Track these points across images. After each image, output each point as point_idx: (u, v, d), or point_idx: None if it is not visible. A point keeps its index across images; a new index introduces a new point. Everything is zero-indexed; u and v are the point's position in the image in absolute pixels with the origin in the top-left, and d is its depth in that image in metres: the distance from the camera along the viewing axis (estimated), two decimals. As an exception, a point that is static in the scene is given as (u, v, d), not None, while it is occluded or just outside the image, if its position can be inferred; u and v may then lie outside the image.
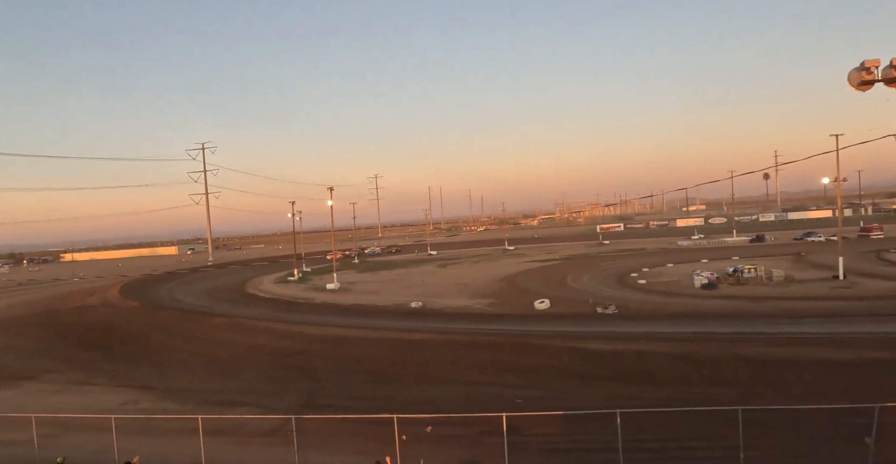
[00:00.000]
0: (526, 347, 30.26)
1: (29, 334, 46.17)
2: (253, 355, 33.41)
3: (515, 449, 14.76)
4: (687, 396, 20.92)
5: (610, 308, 38.89)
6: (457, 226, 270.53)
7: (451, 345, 31.94)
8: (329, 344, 34.75)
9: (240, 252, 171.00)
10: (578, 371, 25.45)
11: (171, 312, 52.24)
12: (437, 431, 15.85)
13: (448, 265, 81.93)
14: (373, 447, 15.78)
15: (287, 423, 17.06)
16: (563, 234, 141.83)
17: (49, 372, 32.86)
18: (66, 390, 28.96)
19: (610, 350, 28.34)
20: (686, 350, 27.18)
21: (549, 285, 53.50)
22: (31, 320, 53.57)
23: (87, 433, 20.13)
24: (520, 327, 35.82)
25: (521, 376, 25.42)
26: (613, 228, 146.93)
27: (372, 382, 26.47)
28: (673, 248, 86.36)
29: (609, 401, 20.74)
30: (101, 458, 17.34)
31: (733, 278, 48.15)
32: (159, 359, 34.46)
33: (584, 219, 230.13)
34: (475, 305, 46.20)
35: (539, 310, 41.66)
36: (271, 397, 25.20)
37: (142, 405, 24.97)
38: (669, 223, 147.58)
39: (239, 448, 18.67)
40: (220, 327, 42.82)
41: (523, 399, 22.07)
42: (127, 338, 42.29)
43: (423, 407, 20.56)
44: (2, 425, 21.51)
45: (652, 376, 23.92)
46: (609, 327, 34.00)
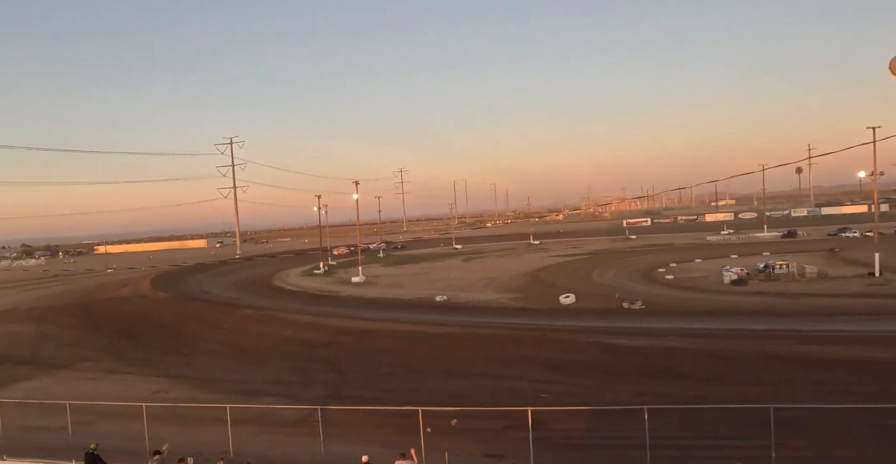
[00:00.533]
0: (551, 341, 30.06)
1: (65, 324, 47.46)
2: (279, 347, 33.82)
3: (540, 444, 14.65)
4: (716, 393, 20.56)
5: (636, 303, 38.40)
6: (482, 220, 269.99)
7: (475, 339, 31.89)
8: (354, 336, 34.98)
9: (267, 245, 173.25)
10: (604, 367, 25.18)
11: (200, 303, 53.16)
12: (461, 424, 15.84)
13: (473, 259, 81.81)
14: (397, 439, 15.83)
15: (313, 413, 17.22)
16: (588, 228, 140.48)
17: (84, 361, 33.73)
18: (99, 378, 29.69)
19: (637, 346, 27.98)
20: (716, 347, 26.70)
21: (574, 280, 53.06)
22: (66, 311, 55.05)
23: (120, 421, 20.60)
24: (545, 322, 35.59)
25: (546, 370, 25.25)
26: (640, 222, 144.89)
27: (397, 374, 26.58)
28: (701, 243, 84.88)
29: (636, 397, 20.50)
30: (132, 445, 17.71)
31: (764, 274, 47.13)
32: (189, 349, 35.12)
33: (610, 213, 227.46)
34: (500, 299, 46.05)
35: (564, 305, 41.34)
36: (297, 387, 25.49)
37: (172, 394, 25.47)
38: (698, 218, 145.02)
39: (266, 438, 18.93)
40: (248, 319, 43.44)
41: (548, 394, 21.92)
42: (158, 328, 43.18)
43: (448, 400, 20.55)
44: (39, 412, 22.14)
45: (680, 373, 23.54)
46: (636, 323, 33.57)
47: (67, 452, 16.65)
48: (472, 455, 16.47)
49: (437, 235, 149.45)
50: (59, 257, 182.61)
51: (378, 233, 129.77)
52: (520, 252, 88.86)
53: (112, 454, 16.59)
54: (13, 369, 32.75)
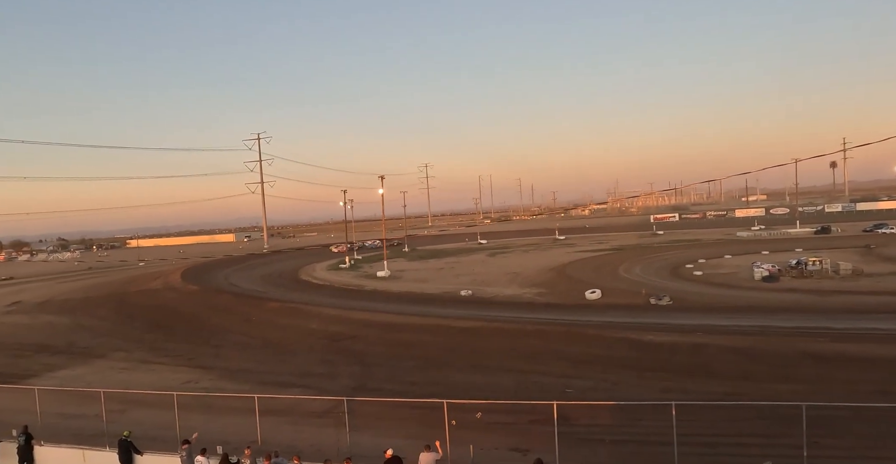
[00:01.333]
0: (576, 336, 29.86)
1: (99, 315, 48.72)
2: (306, 339, 34.23)
3: (566, 439, 14.56)
4: (746, 391, 20.22)
5: (664, 299, 37.92)
6: (507, 215, 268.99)
7: (500, 333, 31.84)
8: (380, 330, 35.21)
9: (293, 240, 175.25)
10: (631, 362, 24.92)
11: (228, 296, 54.05)
12: (486, 417, 15.83)
13: (498, 254, 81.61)
14: (422, 431, 15.89)
15: (339, 405, 17.39)
16: (614, 224, 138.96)
17: (117, 351, 34.60)
18: (132, 368, 30.42)
19: (664, 342, 27.62)
20: (745, 344, 26.22)
21: (600, 276, 52.59)
22: (100, 302, 56.51)
23: (151, 409, 21.07)
24: (570, 317, 35.36)
25: (572, 365, 25.10)
26: (668, 218, 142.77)
27: (422, 367, 26.69)
28: (731, 239, 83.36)
29: (663, 394, 20.26)
30: (163, 433, 18.12)
31: (796, 271, 46.12)
32: (217, 340, 35.76)
33: (636, 209, 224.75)
34: (525, 294, 45.88)
35: (590, 300, 41.03)
36: (323, 379, 25.77)
37: (202, 384, 25.98)
38: (727, 214, 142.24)
39: (293, 428, 19.18)
40: (275, 312, 44.03)
41: (574, 389, 21.81)
42: (188, 320, 44.06)
43: (473, 394, 20.58)
44: (75, 400, 22.79)
45: (709, 370, 23.18)
46: (663, 319, 33.15)
47: (102, 438, 17.09)
48: (497, 449, 16.47)
49: (463, 229, 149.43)
50: (94, 251, 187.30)
51: (403, 228, 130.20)
52: (545, 247, 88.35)
53: (144, 442, 17.00)
54: (50, 358, 33.76)
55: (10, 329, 44.94)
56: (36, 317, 50.05)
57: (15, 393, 22.14)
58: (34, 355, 35.14)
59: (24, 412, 19.06)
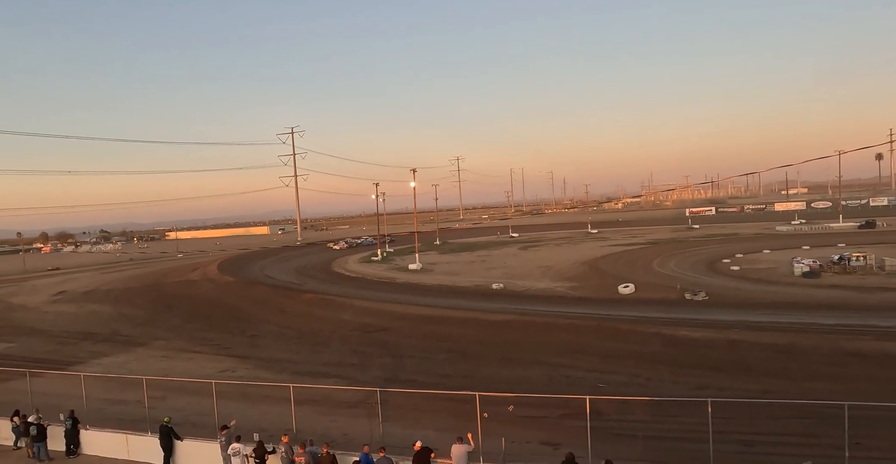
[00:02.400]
0: (609, 331, 29.57)
1: (140, 305, 50.23)
2: (339, 330, 34.69)
3: (598, 433, 14.48)
4: (785, 389, 19.77)
5: (699, 295, 37.23)
6: (539, 208, 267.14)
7: (532, 326, 31.74)
8: (411, 322, 35.45)
9: (326, 232, 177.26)
10: (665, 358, 24.58)
11: (263, 287, 55.06)
12: (518, 411, 15.82)
13: (530, 248, 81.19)
14: (454, 424, 15.98)
15: (371, 395, 17.59)
16: (649, 217, 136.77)
17: (157, 339, 35.65)
18: (172, 356, 31.30)
19: (699, 338, 27.15)
20: (784, 341, 25.58)
21: (633, 270, 51.90)
22: (141, 292, 58.24)
23: (190, 396, 21.69)
24: (603, 311, 35.02)
25: (605, 360, 24.90)
26: (704, 212, 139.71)
27: (453, 360, 26.80)
28: (770, 233, 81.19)
29: (698, 390, 19.94)
30: (202, 420, 18.64)
31: (839, 267, 44.72)
32: (253, 331, 36.52)
33: (671, 202, 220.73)
34: (557, 287, 45.60)
35: (623, 294, 40.55)
36: (356, 370, 26.11)
37: (238, 373, 26.59)
38: (766, 207, 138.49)
39: (326, 417, 19.51)
40: (308, 303, 44.70)
41: (606, 384, 21.63)
42: (224, 310, 45.08)
43: (504, 387, 20.59)
44: (118, 386, 23.60)
45: (746, 367, 22.72)
46: (698, 315, 32.55)
47: (143, 424, 17.67)
48: (529, 442, 16.47)
49: (494, 222, 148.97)
50: (134, 242, 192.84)
51: (434, 221, 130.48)
52: (577, 241, 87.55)
53: (184, 428, 17.52)
54: (95, 346, 34.98)
55: (57, 317, 46.69)
56: (81, 306, 51.86)
57: (62, 379, 23.01)
58: (80, 342, 36.45)
59: (70, 397, 19.82)
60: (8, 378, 23.82)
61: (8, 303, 56.83)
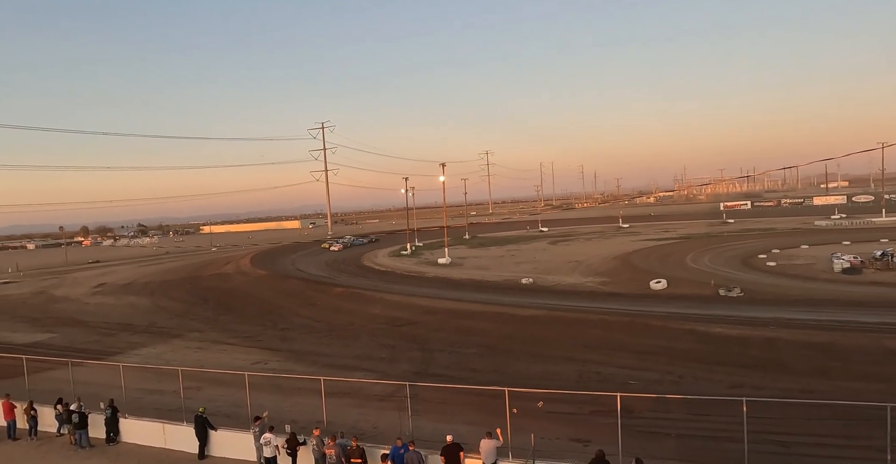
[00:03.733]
0: (641, 327, 29.17)
1: (176, 297, 51.44)
2: (368, 324, 34.97)
3: (629, 431, 14.32)
4: (823, 388, 19.22)
5: (734, 291, 36.45)
6: (569, 202, 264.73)
7: (562, 322, 31.52)
8: (441, 316, 35.53)
9: (356, 226, 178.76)
10: (698, 355, 24.15)
11: (294, 281, 55.83)
12: (547, 407, 15.73)
13: (559, 242, 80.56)
14: (483, 418, 16.00)
15: (400, 389, 17.70)
16: (681, 212, 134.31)
17: (192, 331, 36.47)
18: (206, 347, 31.99)
19: (734, 335, 26.59)
20: (823, 339, 24.89)
21: (666, 265, 51.06)
22: (177, 285, 59.64)
23: (224, 388, 22.14)
24: (634, 307, 34.54)
25: (636, 357, 24.57)
26: (739, 206, 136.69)
27: (482, 354, 26.79)
28: (809, 228, 78.99)
29: (732, 389, 19.55)
30: (236, 411, 19.03)
31: (881, 263, 43.24)
32: (285, 324, 37.08)
33: (705, 196, 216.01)
34: (587, 282, 45.15)
35: (655, 290, 39.94)
36: (385, 363, 26.29)
37: (270, 365, 27.03)
38: (805, 201, 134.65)
39: (356, 410, 19.70)
40: (339, 296, 45.17)
41: (637, 381, 21.36)
42: (257, 303, 45.87)
43: (534, 382, 20.50)
44: (155, 376, 24.22)
45: (782, 366, 22.17)
46: (733, 311, 31.87)
47: (179, 413, 18.09)
48: (558, 438, 16.37)
49: (524, 217, 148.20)
50: (170, 236, 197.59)
51: (464, 215, 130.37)
52: (608, 236, 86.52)
53: (218, 418, 17.91)
54: (133, 337, 35.96)
55: (97, 309, 48.13)
56: (120, 298, 53.36)
57: (102, 369, 23.71)
58: (118, 333, 37.51)
59: (110, 387, 20.41)
60: (51, 367, 24.65)
61: (51, 295, 58.83)
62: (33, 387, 21.22)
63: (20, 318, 45.81)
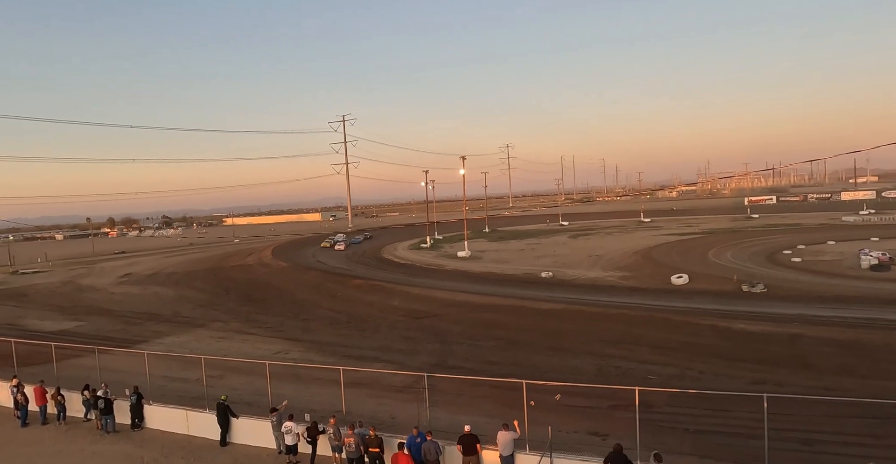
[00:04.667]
0: (661, 322, 28.92)
1: (200, 288, 52.25)
2: (388, 316, 35.17)
3: (647, 426, 14.24)
4: (848, 386, 18.88)
5: (757, 287, 35.90)
6: (590, 196, 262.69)
7: (582, 316, 31.38)
8: (460, 309, 35.60)
9: (376, 219, 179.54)
10: (719, 351, 23.87)
11: (315, 273, 56.34)
12: (565, 400, 15.70)
13: (580, 236, 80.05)
14: (501, 410, 16.03)
15: (419, 380, 17.78)
16: (705, 206, 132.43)
17: (215, 321, 37.03)
18: (229, 337, 32.47)
19: (757, 331, 26.23)
20: (849, 337, 24.44)
21: (687, 260, 50.47)
22: (201, 275, 60.57)
23: (246, 376, 22.48)
24: (655, 302, 34.24)
25: (656, 351, 24.38)
26: (764, 200, 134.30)
27: (501, 347, 26.79)
28: (836, 224, 77.36)
29: (753, 385, 19.32)
30: (257, 399, 19.30)
31: (911, 260, 42.24)
32: (306, 315, 37.46)
33: (729, 191, 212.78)
34: (608, 277, 44.84)
35: (676, 285, 39.51)
36: (404, 355, 26.44)
37: (291, 355, 27.35)
38: (832, 197, 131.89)
39: (375, 400, 19.87)
40: (359, 288, 45.49)
41: (657, 376, 21.19)
42: (278, 294, 46.40)
43: (552, 376, 20.48)
44: (179, 364, 24.67)
45: (806, 363, 21.82)
46: (756, 307, 31.41)
47: (202, 401, 18.43)
48: (576, 432, 16.34)
49: (544, 210, 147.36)
50: (194, 228, 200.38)
51: (484, 208, 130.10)
52: (629, 230, 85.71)
53: (240, 406, 18.19)
54: (158, 326, 36.64)
55: (123, 298, 49.11)
56: (145, 288, 54.37)
57: (128, 357, 24.21)
58: (144, 322, 38.24)
59: (135, 374, 20.86)
60: (78, 355, 25.24)
61: (78, 284, 60.18)
62: (61, 373, 21.76)
63: (49, 306, 46.96)
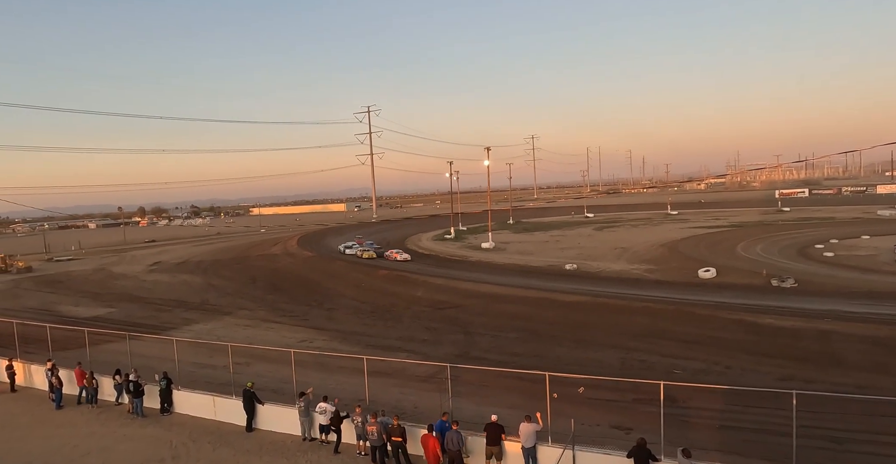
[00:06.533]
0: (687, 316, 28.54)
1: (227, 277, 53.12)
2: (412, 306, 35.34)
3: (672, 420, 14.09)
4: (881, 384, 18.45)
5: (787, 281, 35.17)
6: (615, 188, 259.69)
7: (606, 309, 31.13)
8: (483, 300, 35.60)
9: (401, 210, 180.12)
10: (747, 346, 23.49)
11: (340, 263, 56.80)
12: (589, 393, 15.62)
13: (605, 228, 79.32)
14: (523, 402, 16.00)
15: (442, 370, 17.84)
16: (734, 199, 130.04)
17: (242, 309, 37.63)
18: (255, 325, 32.98)
19: (786, 327, 25.71)
20: (882, 334, 23.80)
21: (715, 253, 49.66)
22: (228, 264, 61.54)
23: (271, 364, 22.82)
24: (681, 296, 33.78)
25: (681, 346, 24.09)
26: (796, 193, 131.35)
27: (524, 339, 26.74)
28: (871, 218, 75.30)
29: (782, 382, 18.99)
30: (282, 387, 19.59)
31: (950, 255, 40.97)
32: (330, 304, 37.85)
33: (759, 183, 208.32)
34: (633, 270, 44.37)
35: (703, 279, 38.94)
36: (428, 345, 26.57)
37: (316, 344, 27.68)
38: (867, 190, 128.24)
39: (398, 390, 20.02)
40: (383, 279, 45.75)
41: (682, 370, 20.96)
42: (304, 284, 46.94)
43: (575, 368, 20.37)
44: (207, 351, 25.13)
45: (837, 360, 21.36)
46: (786, 302, 30.79)
47: (229, 387, 18.79)
48: (599, 425, 16.27)
49: (569, 202, 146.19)
50: (221, 217, 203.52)
51: (508, 199, 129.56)
52: (656, 222, 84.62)
53: (265, 393, 18.49)
54: (186, 313, 37.38)
55: (153, 286, 50.18)
56: (174, 276, 55.46)
57: (158, 343, 24.77)
58: (173, 309, 39.05)
59: (164, 360, 21.32)
60: (110, 340, 25.87)
61: (110, 272, 61.64)
62: (93, 358, 22.33)
63: (83, 293, 48.22)
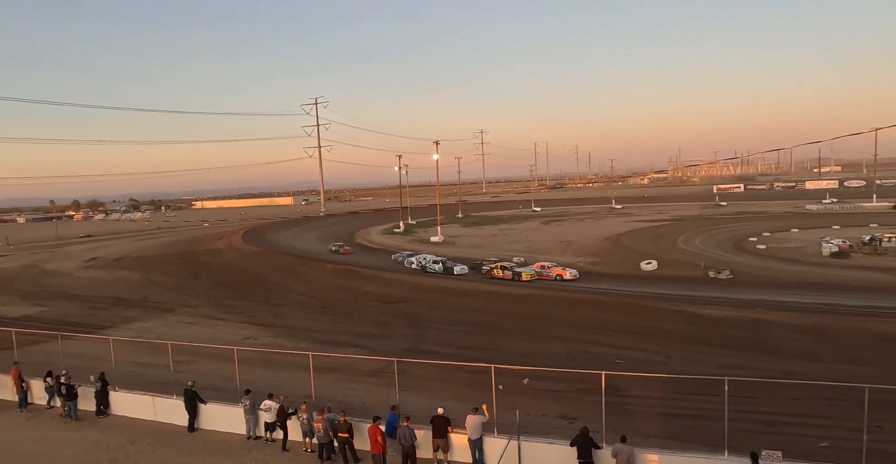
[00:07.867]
0: (630, 307, 29.42)
1: (169, 272, 51.34)
2: (361, 301, 35.08)
3: (614, 409, 14.51)
4: (808, 371, 19.52)
5: (723, 273, 36.73)
6: (562, 183, 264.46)
7: (553, 301, 31.73)
8: (433, 294, 35.68)
9: (350, 204, 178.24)
10: (686, 336, 24.43)
11: (287, 257, 55.78)
12: (534, 384, 15.89)
13: (552, 222, 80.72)
14: (471, 394, 16.12)
15: (390, 365, 17.80)
16: (675, 193, 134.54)
17: (184, 306, 36.46)
18: (198, 322, 32.03)
19: (722, 316, 26.88)
20: (810, 322, 25.18)
21: (657, 246, 51.34)
22: (169, 260, 59.48)
23: (215, 362, 22.22)
24: (625, 288, 34.81)
25: (625, 336, 24.82)
26: (732, 188, 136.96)
27: (474, 332, 26.97)
28: (800, 212, 79.44)
29: (718, 369, 19.79)
30: (226, 385, 19.09)
31: (870, 247, 43.64)
32: (277, 299, 37.13)
33: (699, 178, 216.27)
34: (579, 262, 45.35)
35: (646, 271, 40.21)
36: (377, 340, 26.44)
37: (261, 340, 27.13)
38: (797, 185, 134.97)
39: (345, 385, 19.85)
40: (332, 273, 45.21)
41: (625, 360, 21.60)
42: (249, 279, 45.86)
43: (524, 360, 20.66)
44: (146, 350, 24.23)
45: (769, 347, 22.47)
46: (722, 293, 32.18)
47: (169, 387, 18.17)
48: (545, 415, 16.58)
49: (517, 196, 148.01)
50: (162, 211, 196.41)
51: (457, 193, 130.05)
52: (601, 216, 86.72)
53: (208, 392, 17.98)
54: (125, 311, 35.94)
55: (90, 283, 48.00)
56: (112, 272, 53.21)
57: (93, 342, 23.73)
58: (110, 307, 37.47)
59: (101, 360, 20.41)
60: (42, 341, 24.63)
61: (42, 269, 58.59)
62: (24, 360, 21.19)
63: (11, 291, 45.66)
